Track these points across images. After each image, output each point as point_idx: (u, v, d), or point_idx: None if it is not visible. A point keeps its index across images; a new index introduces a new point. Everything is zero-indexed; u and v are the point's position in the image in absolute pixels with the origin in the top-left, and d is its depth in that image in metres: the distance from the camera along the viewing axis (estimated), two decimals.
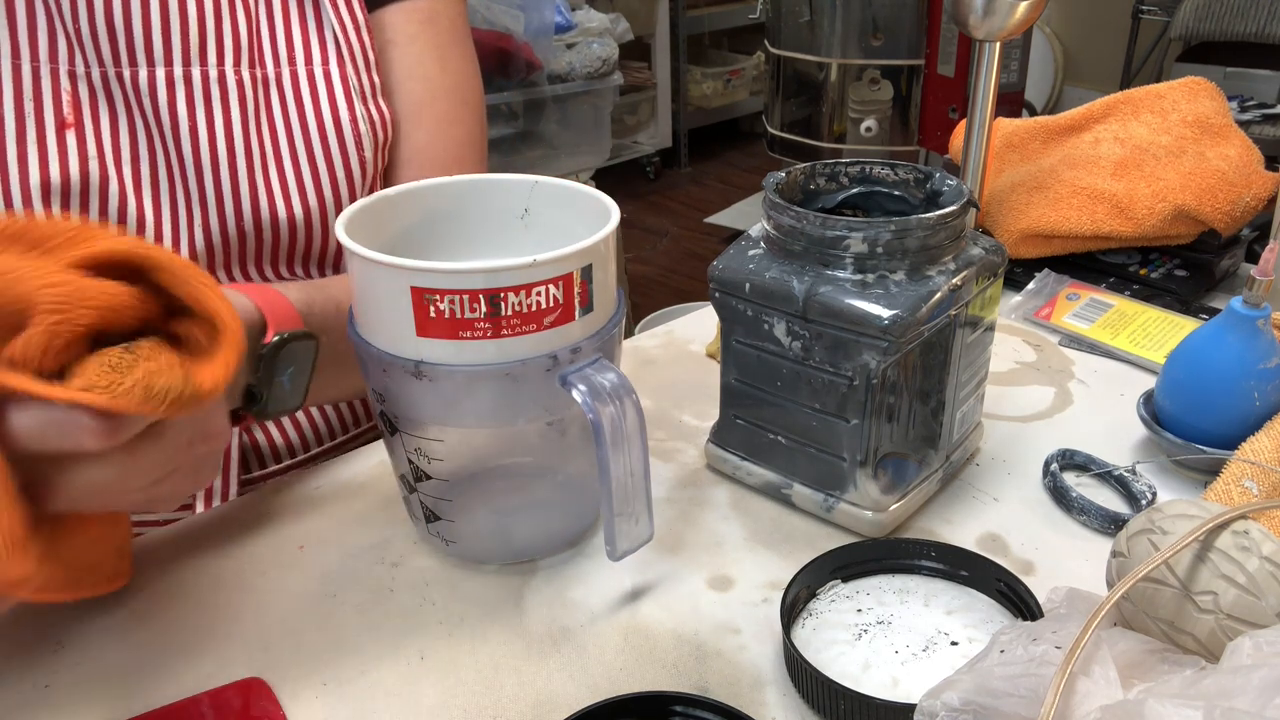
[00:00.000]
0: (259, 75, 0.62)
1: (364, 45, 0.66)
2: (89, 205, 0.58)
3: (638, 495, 0.47)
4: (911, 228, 0.48)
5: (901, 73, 2.45)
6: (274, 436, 0.69)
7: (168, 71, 0.59)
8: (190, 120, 0.60)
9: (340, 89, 0.64)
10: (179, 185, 0.60)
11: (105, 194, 0.58)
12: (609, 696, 0.41)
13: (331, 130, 0.64)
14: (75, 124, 0.57)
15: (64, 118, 0.57)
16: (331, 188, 0.64)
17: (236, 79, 0.61)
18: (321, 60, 0.64)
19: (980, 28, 0.75)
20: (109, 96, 0.58)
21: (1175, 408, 0.58)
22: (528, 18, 2.53)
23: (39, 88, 0.56)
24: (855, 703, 0.40)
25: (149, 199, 0.60)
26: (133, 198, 0.59)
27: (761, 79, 3.75)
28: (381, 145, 0.67)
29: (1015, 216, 0.81)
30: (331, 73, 0.64)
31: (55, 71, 0.57)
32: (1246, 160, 0.78)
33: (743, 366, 0.54)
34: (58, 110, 0.57)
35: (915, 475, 0.54)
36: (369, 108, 0.66)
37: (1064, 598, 0.40)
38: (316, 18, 0.65)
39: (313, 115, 0.64)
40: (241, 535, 0.55)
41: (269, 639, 0.48)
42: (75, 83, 0.57)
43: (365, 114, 0.65)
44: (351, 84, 0.65)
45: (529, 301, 0.43)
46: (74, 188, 0.57)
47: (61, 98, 0.57)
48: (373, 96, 0.66)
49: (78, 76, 0.57)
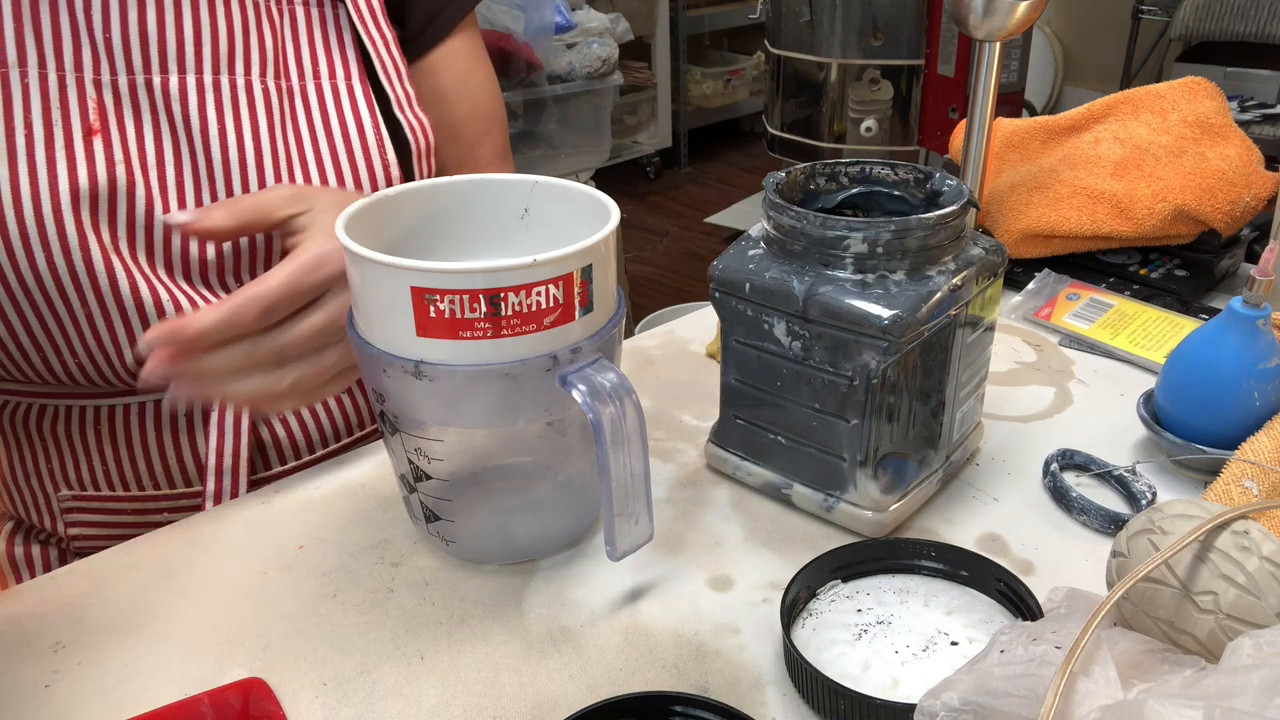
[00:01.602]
0: (284, 87, 0.64)
1: (395, 60, 0.69)
2: (116, 208, 0.58)
3: (638, 495, 0.47)
4: (911, 228, 0.48)
5: (901, 73, 2.44)
6: (279, 436, 0.69)
7: (197, 79, 0.61)
8: (219, 124, 0.61)
9: (363, 101, 0.67)
10: (206, 188, 0.61)
11: (132, 198, 0.59)
12: (609, 696, 0.41)
13: (355, 138, 0.66)
14: (101, 130, 0.58)
15: (90, 124, 0.58)
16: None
17: (263, 88, 0.63)
18: (346, 76, 0.67)
19: (980, 28, 0.75)
20: (135, 103, 0.59)
21: (1175, 408, 0.58)
22: (528, 18, 2.53)
23: (65, 96, 0.57)
24: (855, 703, 0.40)
25: (175, 202, 0.61)
26: (159, 201, 0.60)
27: (761, 79, 3.76)
28: (424, 152, 0.70)
29: (1015, 216, 0.81)
30: (355, 89, 0.67)
31: (80, 80, 0.58)
32: (1246, 160, 0.78)
33: (743, 366, 0.54)
34: (84, 117, 0.58)
35: (915, 475, 0.54)
36: (406, 115, 0.69)
37: (1064, 598, 0.40)
38: (340, 40, 0.67)
39: (337, 124, 0.66)
40: (241, 535, 0.55)
41: (269, 639, 0.48)
42: (100, 90, 0.58)
43: (406, 121, 0.68)
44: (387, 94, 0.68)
45: (529, 301, 0.43)
46: (102, 192, 0.58)
47: (88, 105, 0.58)
48: (409, 105, 0.69)
49: (103, 84, 0.58)
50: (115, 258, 0.58)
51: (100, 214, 0.58)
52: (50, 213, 0.56)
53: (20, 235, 0.56)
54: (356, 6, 0.67)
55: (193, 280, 0.62)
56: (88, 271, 0.57)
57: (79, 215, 0.57)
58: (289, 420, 0.69)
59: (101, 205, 0.58)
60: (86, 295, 0.58)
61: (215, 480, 0.64)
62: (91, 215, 0.57)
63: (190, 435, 0.66)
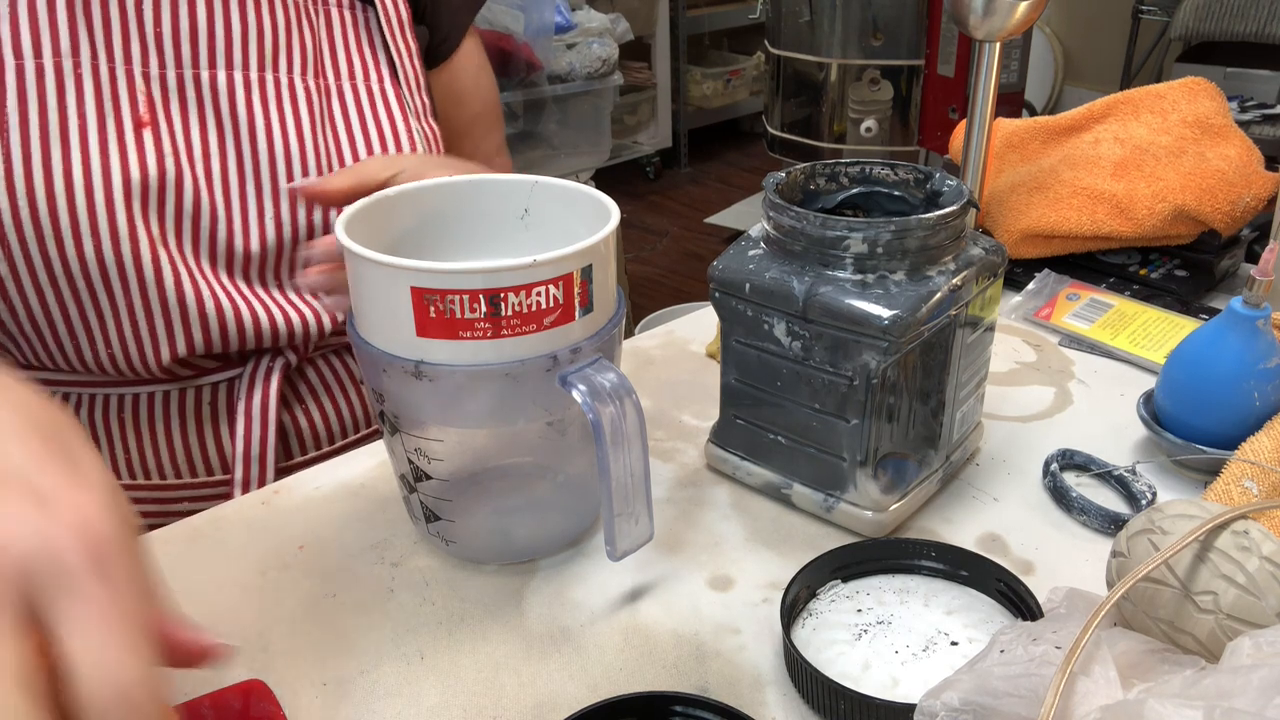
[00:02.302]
0: (323, 85, 0.66)
1: (416, 71, 0.71)
2: (165, 200, 0.59)
3: (638, 495, 0.47)
4: (911, 228, 0.48)
5: (901, 73, 2.44)
6: (304, 424, 0.69)
7: (244, 75, 0.62)
8: (265, 119, 0.63)
9: (395, 105, 0.69)
10: (250, 180, 0.63)
11: (180, 189, 0.60)
12: (609, 696, 0.41)
13: (390, 137, 0.68)
14: (151, 123, 0.59)
15: (140, 117, 0.59)
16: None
17: (305, 86, 0.65)
18: (379, 79, 0.69)
19: (980, 28, 0.75)
20: (182, 97, 0.61)
21: (1175, 408, 0.58)
22: (528, 18, 2.53)
23: (116, 88, 0.58)
24: (855, 703, 0.40)
25: (220, 194, 0.62)
26: (205, 193, 0.61)
27: (761, 79, 3.75)
28: None
29: (1015, 216, 0.81)
30: (387, 90, 0.69)
31: (130, 73, 0.59)
32: (1246, 160, 0.78)
33: (743, 366, 0.54)
34: (134, 110, 0.59)
35: (915, 475, 0.54)
36: (422, 124, 0.71)
37: (1064, 598, 0.40)
38: (371, 43, 0.69)
39: (373, 125, 0.67)
40: (241, 535, 0.55)
41: (269, 639, 0.48)
42: (149, 84, 0.60)
43: (420, 129, 0.70)
44: (406, 103, 0.69)
45: (529, 301, 0.43)
46: (152, 184, 0.59)
47: (137, 98, 0.59)
48: (424, 116, 0.71)
49: (152, 78, 0.60)
50: (163, 250, 0.59)
51: (150, 206, 0.59)
52: (103, 203, 0.57)
53: (71, 223, 0.56)
54: (385, 13, 0.69)
55: (234, 276, 0.64)
56: (134, 263, 0.58)
57: (130, 206, 0.58)
58: (314, 409, 0.70)
59: (151, 197, 0.59)
60: (131, 286, 0.59)
61: (244, 468, 0.65)
62: (142, 207, 0.58)
63: (214, 425, 0.66)
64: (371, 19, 0.69)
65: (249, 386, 0.65)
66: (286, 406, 0.69)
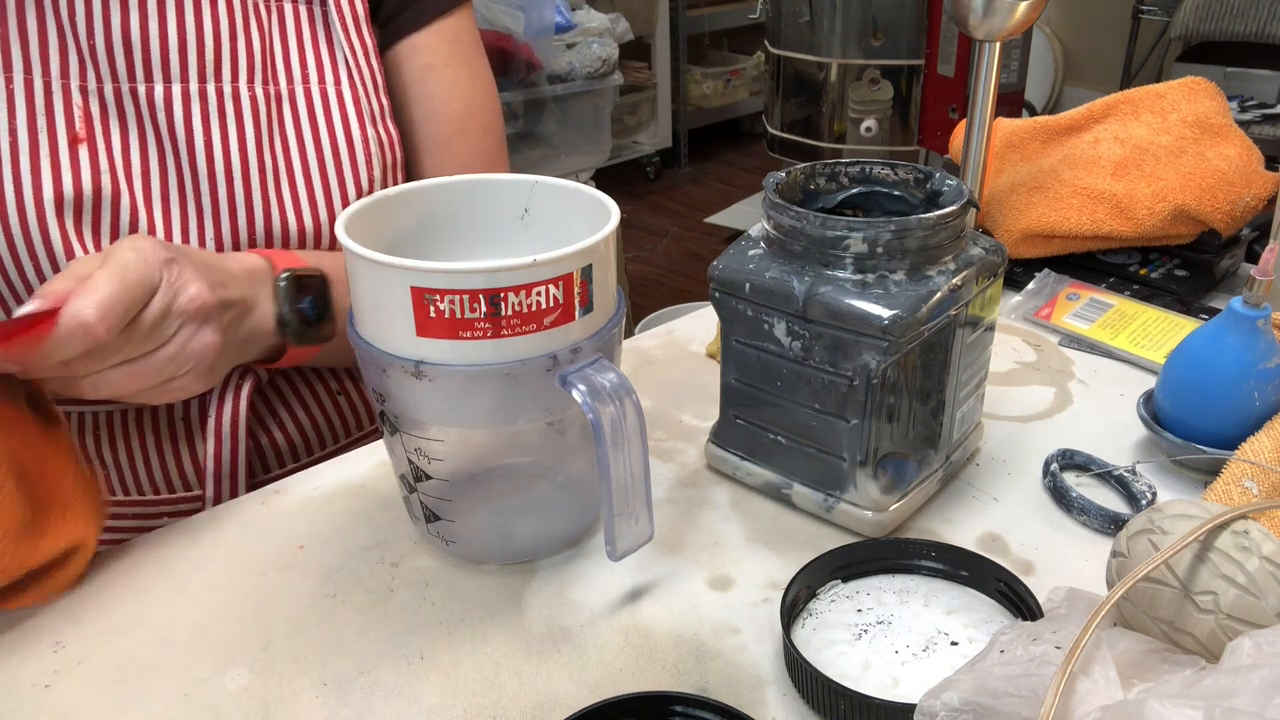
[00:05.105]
0: (272, 92, 0.63)
1: (373, 70, 0.68)
2: (100, 217, 0.58)
3: (638, 495, 0.47)
4: (911, 228, 0.48)
5: (901, 73, 2.44)
6: (278, 440, 0.69)
7: (183, 87, 0.60)
8: (205, 135, 0.61)
9: (352, 109, 0.66)
10: (190, 198, 0.61)
11: (117, 207, 0.58)
12: (609, 696, 0.41)
13: (344, 147, 0.65)
14: (87, 138, 0.58)
15: (75, 132, 0.57)
16: (342, 202, 0.66)
17: (250, 95, 0.62)
18: (334, 80, 0.66)
19: (980, 28, 0.75)
20: (121, 111, 0.59)
21: (1175, 408, 0.58)
22: (528, 18, 2.53)
23: (50, 102, 0.57)
24: (855, 703, 0.40)
25: (159, 211, 0.60)
26: (144, 211, 0.60)
27: (761, 79, 3.75)
28: (390, 166, 0.69)
29: (1015, 216, 0.81)
30: (344, 93, 0.66)
31: (66, 87, 0.57)
32: (1246, 160, 0.78)
33: (743, 366, 0.54)
34: (69, 125, 0.57)
35: (915, 475, 0.54)
36: (378, 130, 0.67)
37: (1064, 598, 0.40)
38: (329, 41, 0.66)
39: (326, 133, 0.65)
40: (241, 535, 0.55)
41: (269, 639, 0.48)
42: (86, 98, 0.58)
43: (376, 136, 0.67)
44: (363, 105, 0.66)
45: (529, 301, 0.43)
46: (86, 201, 0.57)
47: (74, 112, 0.57)
48: (381, 119, 0.68)
49: (89, 91, 0.58)
50: None
51: (84, 222, 0.57)
52: (35, 220, 0.56)
53: (6, 242, 0.56)
54: (339, 9, 0.66)
55: None
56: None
57: (63, 222, 0.56)
58: (286, 425, 0.69)
59: (86, 214, 0.57)
60: None
61: (214, 485, 0.64)
62: (75, 223, 0.57)
63: (189, 441, 0.66)
64: (330, 14, 0.66)
65: (219, 403, 0.63)
66: (259, 421, 0.68)
